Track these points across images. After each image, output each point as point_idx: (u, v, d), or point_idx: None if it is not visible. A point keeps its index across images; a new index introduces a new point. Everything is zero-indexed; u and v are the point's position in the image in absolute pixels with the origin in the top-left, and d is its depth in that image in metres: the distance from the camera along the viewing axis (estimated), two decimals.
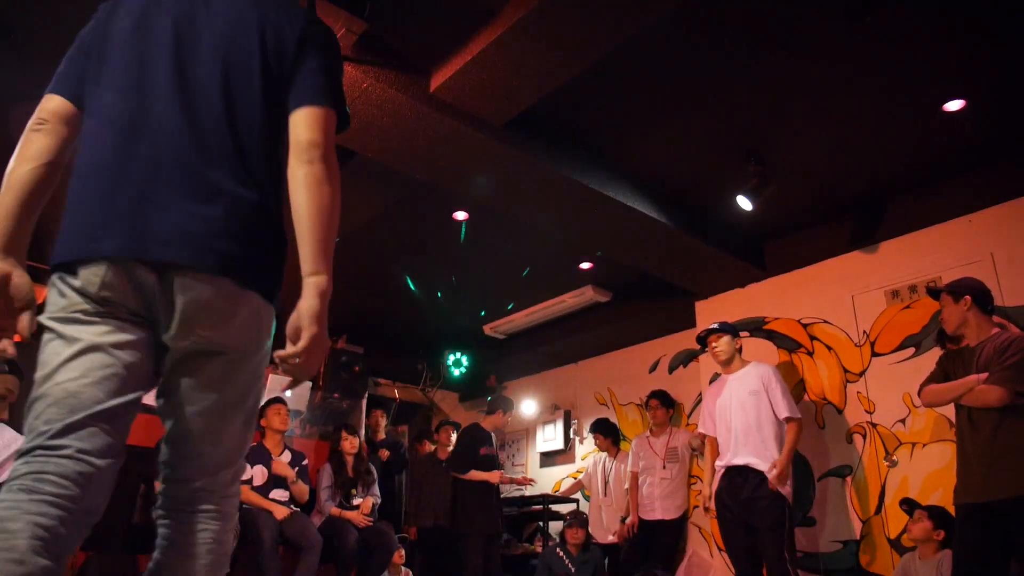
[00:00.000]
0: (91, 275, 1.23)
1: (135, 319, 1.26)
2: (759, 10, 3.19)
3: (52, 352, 1.21)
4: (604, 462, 6.15)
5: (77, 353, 1.20)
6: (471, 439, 5.64)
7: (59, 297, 1.25)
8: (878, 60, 3.47)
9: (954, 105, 3.78)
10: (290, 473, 5.04)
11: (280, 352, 1.29)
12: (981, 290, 3.28)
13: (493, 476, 5.41)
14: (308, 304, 1.28)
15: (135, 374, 1.24)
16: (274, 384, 5.97)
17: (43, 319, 1.25)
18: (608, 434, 6.17)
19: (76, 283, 1.24)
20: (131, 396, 1.24)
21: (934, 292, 3.43)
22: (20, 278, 1.29)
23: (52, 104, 1.38)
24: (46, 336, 1.23)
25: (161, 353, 1.30)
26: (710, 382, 5.09)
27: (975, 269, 3.97)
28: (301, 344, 1.27)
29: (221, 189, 1.27)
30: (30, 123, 1.37)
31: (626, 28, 3.10)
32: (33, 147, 1.34)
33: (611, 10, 2.97)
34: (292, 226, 1.35)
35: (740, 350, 4.48)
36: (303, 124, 1.35)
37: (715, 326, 4.49)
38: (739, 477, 4.15)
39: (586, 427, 6.63)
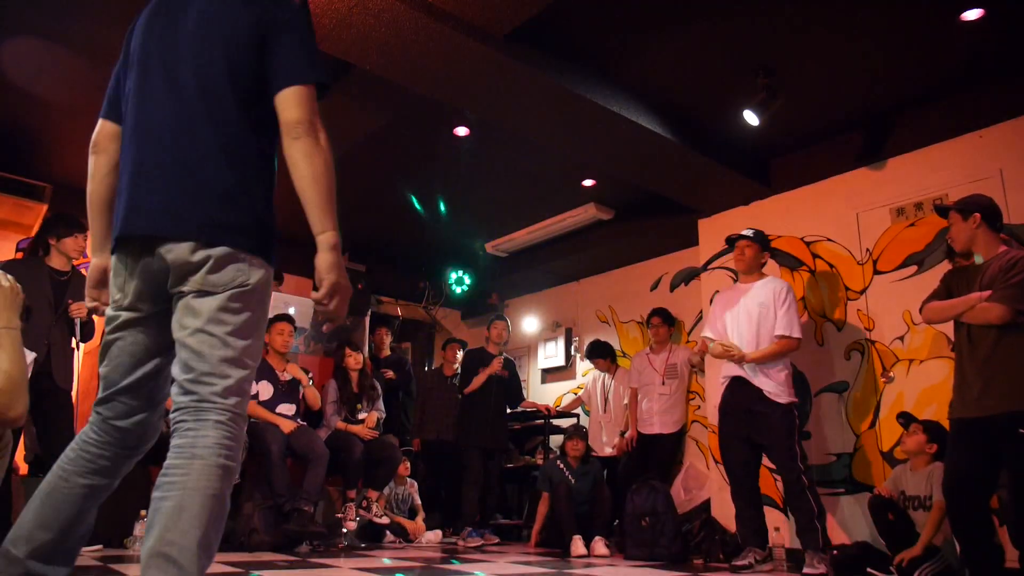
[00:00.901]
0: (115, 263, 1.59)
1: (146, 297, 1.56)
2: None
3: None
4: (603, 379, 6.25)
5: (107, 346, 1.59)
6: (475, 360, 5.83)
7: (113, 285, 1.62)
8: None
9: (972, 14, 3.63)
10: (303, 377, 5.16)
11: (312, 295, 1.55)
12: (990, 207, 3.24)
13: (484, 373, 5.74)
14: (322, 258, 1.52)
15: (149, 349, 1.58)
16: (278, 301, 6.02)
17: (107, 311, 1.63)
18: (604, 355, 6.25)
19: (111, 277, 1.61)
20: (146, 368, 1.59)
21: (942, 209, 3.38)
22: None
23: (100, 128, 1.73)
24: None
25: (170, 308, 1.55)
26: (711, 301, 5.10)
27: (984, 186, 3.91)
28: (322, 291, 1.52)
29: (202, 178, 1.51)
30: (90, 147, 1.73)
31: None
32: (92, 168, 1.73)
33: None
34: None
35: (764, 264, 4.47)
36: (284, 105, 1.53)
37: (748, 232, 4.43)
38: (741, 389, 4.20)
39: (585, 348, 6.71)
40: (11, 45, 3.95)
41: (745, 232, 4.45)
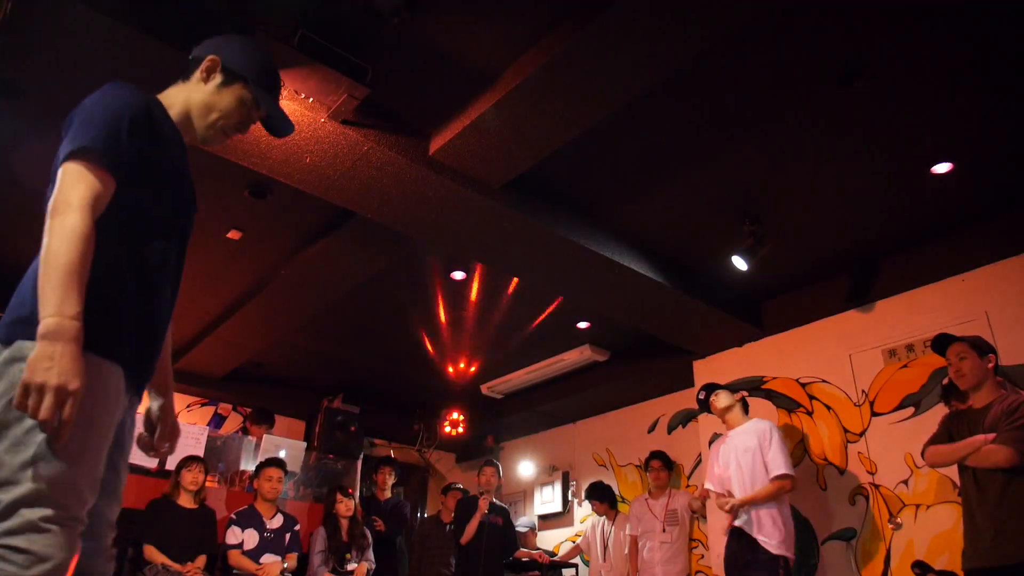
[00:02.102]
0: None
1: None
2: (752, 76, 3.29)
3: None
4: (603, 525, 6.03)
5: None
6: (467, 509, 5.67)
7: None
8: (866, 124, 3.56)
9: (942, 167, 3.85)
10: None
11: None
12: (996, 352, 3.29)
13: (475, 519, 5.50)
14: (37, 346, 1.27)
15: None
16: (268, 444, 5.90)
17: None
18: (604, 499, 6.07)
19: None
20: None
21: (947, 339, 3.38)
22: None
23: None
24: None
25: None
26: (709, 443, 5.05)
27: (971, 328, 3.98)
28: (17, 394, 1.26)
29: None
30: None
31: (621, 96, 3.18)
32: None
33: (606, 78, 3.06)
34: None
35: (745, 404, 4.46)
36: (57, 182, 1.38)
37: (706, 393, 4.53)
38: (737, 542, 4.11)
39: (584, 489, 6.52)
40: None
41: (702, 395, 4.54)
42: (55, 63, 3.04)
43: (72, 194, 1.33)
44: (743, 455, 4.22)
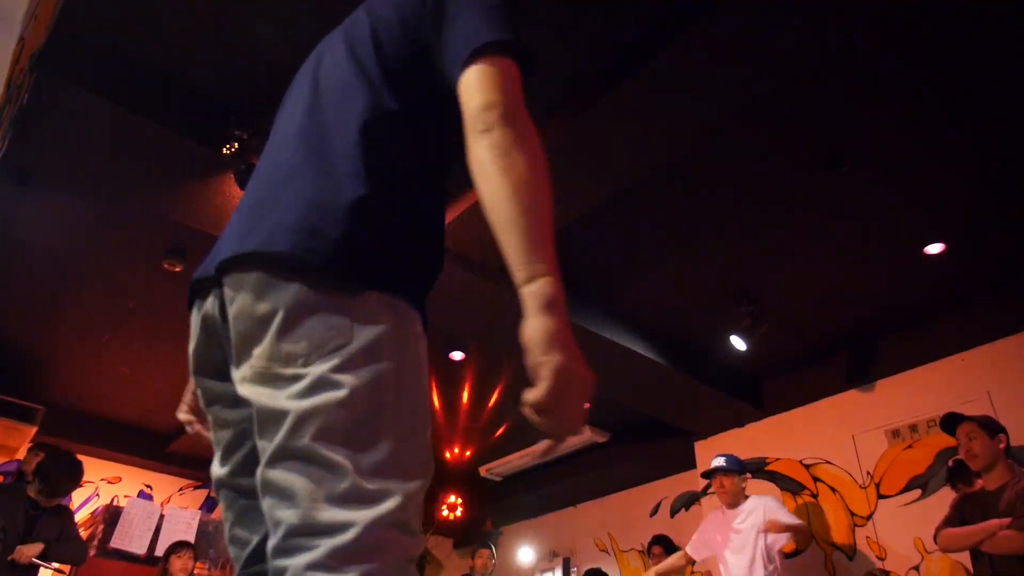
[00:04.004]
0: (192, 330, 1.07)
1: (230, 399, 1.00)
2: (745, 162, 3.38)
3: None
4: None
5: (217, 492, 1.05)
6: None
7: None
8: (857, 206, 3.64)
9: (935, 248, 3.91)
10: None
11: (524, 400, 0.90)
12: (1007, 432, 3.24)
13: None
14: (532, 326, 0.91)
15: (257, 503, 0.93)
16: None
17: None
18: None
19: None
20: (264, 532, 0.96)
21: (956, 419, 3.34)
22: None
23: None
24: None
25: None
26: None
27: (972, 408, 3.95)
28: (541, 388, 0.87)
29: (296, 196, 0.97)
30: None
31: (617, 181, 3.27)
32: None
33: (603, 164, 3.15)
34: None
35: (744, 487, 4.36)
36: (464, 92, 1.00)
37: (722, 463, 4.33)
38: None
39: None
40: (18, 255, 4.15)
41: (719, 464, 4.36)
42: (61, 144, 3.13)
43: (514, 103, 0.99)
44: (749, 533, 4.10)
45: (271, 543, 0.81)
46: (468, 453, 6.65)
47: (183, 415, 1.25)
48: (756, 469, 5.15)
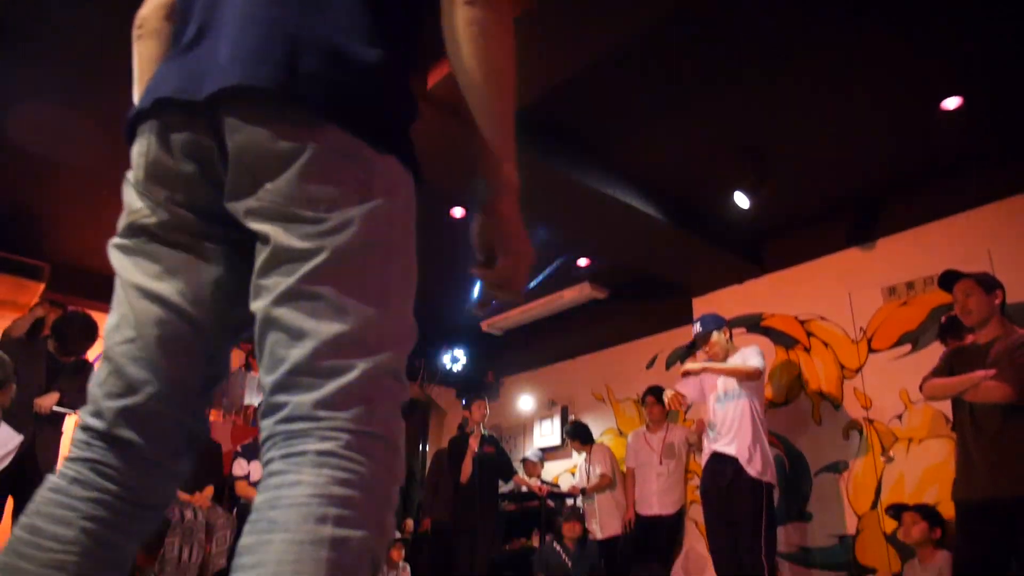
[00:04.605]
0: (137, 152, 0.98)
1: (201, 226, 0.97)
2: (756, 11, 3.19)
3: (115, 295, 0.98)
4: (583, 461, 6.20)
5: (133, 301, 0.96)
6: (460, 447, 5.84)
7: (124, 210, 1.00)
8: (875, 59, 3.47)
9: (952, 103, 3.78)
10: None
11: (480, 271, 1.03)
12: (1004, 288, 3.26)
13: (466, 464, 5.62)
14: (510, 206, 1.00)
15: (208, 330, 0.97)
16: None
17: (112, 240, 1.01)
18: (576, 436, 6.18)
19: (131, 175, 0.99)
20: (202, 364, 0.98)
21: (952, 278, 3.38)
22: None
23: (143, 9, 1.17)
24: None
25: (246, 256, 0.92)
26: None
27: (973, 266, 3.95)
28: (512, 258, 1.00)
29: (316, 39, 0.93)
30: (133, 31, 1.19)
31: (623, 29, 3.10)
32: (135, 60, 1.16)
33: (607, 10, 2.97)
34: None
35: (731, 338, 4.48)
36: None
37: (698, 329, 4.45)
38: (719, 464, 4.13)
39: (565, 431, 6.67)
40: (16, 112, 4.02)
41: (696, 331, 4.44)
42: None
43: None
44: (733, 384, 4.22)
45: (271, 378, 0.84)
46: (470, 307, 6.79)
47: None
48: (752, 324, 5.27)
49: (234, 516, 4.62)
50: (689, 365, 4.27)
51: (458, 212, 5.05)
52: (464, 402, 6.16)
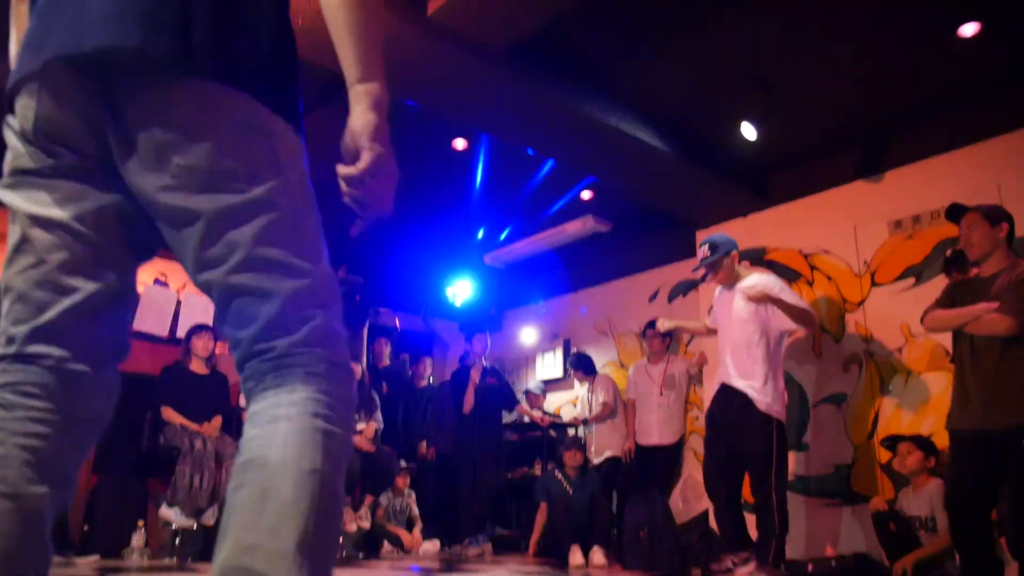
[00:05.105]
0: (24, 107, 0.98)
1: (91, 167, 0.99)
2: None
3: (10, 230, 1.00)
4: (586, 391, 6.29)
5: (32, 231, 0.98)
6: (462, 379, 5.97)
7: (8, 151, 1.02)
8: None
9: (969, 29, 3.66)
10: None
11: (341, 171, 1.05)
12: (1012, 220, 3.21)
13: (468, 395, 5.78)
14: (362, 119, 1.02)
15: (109, 249, 1.01)
16: None
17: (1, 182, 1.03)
18: (579, 367, 6.27)
19: (15, 124, 1.00)
20: (109, 280, 1.02)
21: (958, 210, 3.34)
22: None
23: None
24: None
25: (140, 210, 1.00)
26: (708, 310, 5.08)
27: (981, 199, 3.90)
28: (361, 164, 1.03)
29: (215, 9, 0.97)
30: None
31: None
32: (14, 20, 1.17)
33: None
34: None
35: (740, 263, 4.24)
36: None
37: (706, 251, 4.12)
38: (726, 398, 4.02)
39: (568, 361, 6.75)
40: None
41: (706, 250, 4.13)
42: None
43: None
44: (745, 308, 4.01)
45: (248, 332, 0.95)
46: (476, 238, 6.78)
47: None
48: (755, 258, 5.25)
49: None
50: (755, 292, 3.92)
51: (460, 143, 4.98)
52: (466, 336, 6.23)
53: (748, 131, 4.22)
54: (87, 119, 0.96)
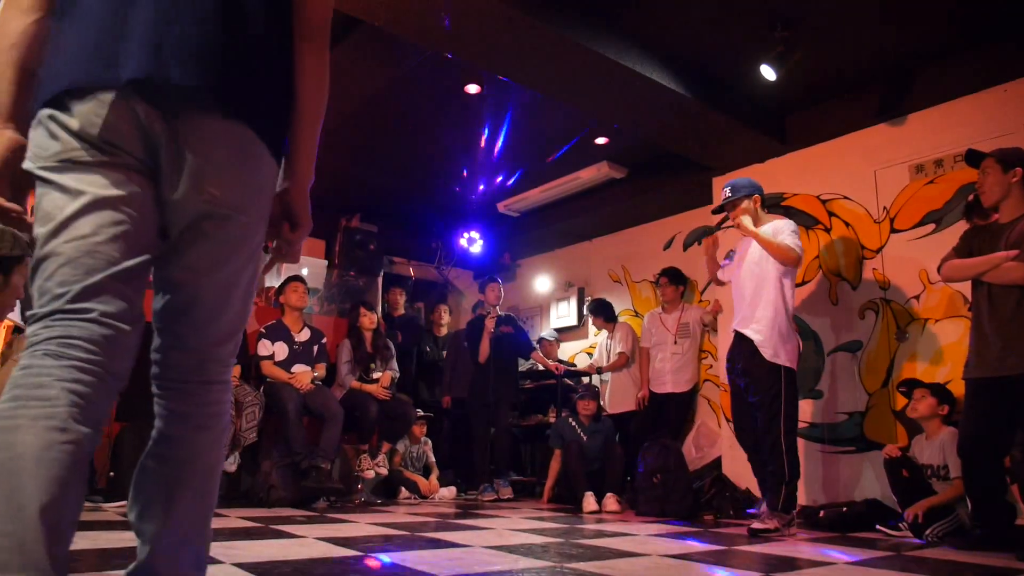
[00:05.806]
0: (89, 112, 1.09)
1: (140, 168, 1.14)
2: None
3: (54, 205, 1.09)
4: (605, 338, 6.30)
5: (84, 207, 1.08)
6: (477, 328, 5.98)
7: (49, 140, 1.10)
8: None
9: None
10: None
11: (287, 233, 1.35)
12: None
13: (483, 344, 5.84)
14: (304, 201, 1.34)
15: (146, 233, 1.15)
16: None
17: (32, 167, 1.12)
18: (599, 313, 6.27)
19: (73, 123, 1.09)
20: (145, 257, 1.15)
21: (976, 156, 3.25)
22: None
23: None
24: (41, 188, 1.11)
25: (167, 212, 1.18)
26: (726, 256, 5.01)
27: (1008, 142, 3.81)
28: (302, 233, 1.36)
29: (239, 12, 1.17)
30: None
31: None
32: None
33: None
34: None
35: (759, 208, 4.08)
36: None
37: (728, 192, 4.05)
38: (737, 344, 3.98)
39: (586, 307, 6.73)
40: None
41: (728, 192, 4.06)
42: None
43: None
44: (757, 255, 3.96)
45: (197, 339, 1.24)
46: (483, 188, 6.72)
47: None
48: (773, 204, 5.16)
49: (261, 393, 4.79)
50: (741, 222, 3.90)
51: (473, 88, 4.89)
52: (479, 285, 6.24)
53: (768, 73, 4.11)
54: (145, 132, 1.12)
